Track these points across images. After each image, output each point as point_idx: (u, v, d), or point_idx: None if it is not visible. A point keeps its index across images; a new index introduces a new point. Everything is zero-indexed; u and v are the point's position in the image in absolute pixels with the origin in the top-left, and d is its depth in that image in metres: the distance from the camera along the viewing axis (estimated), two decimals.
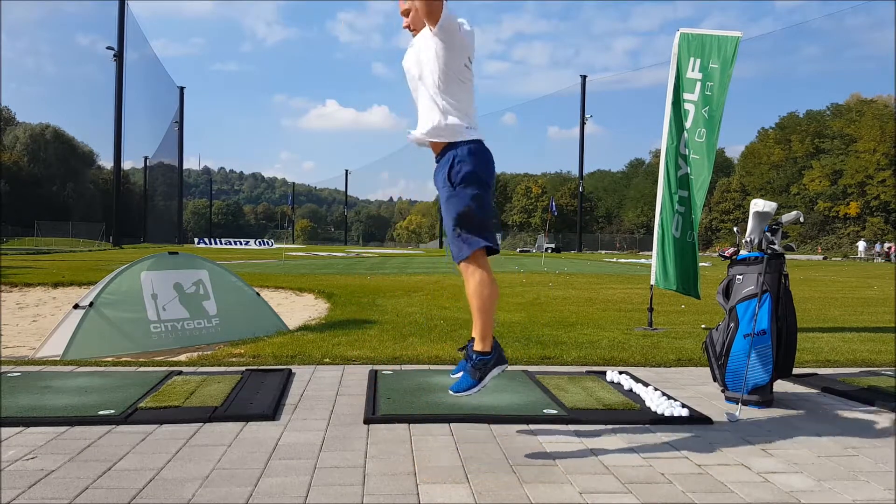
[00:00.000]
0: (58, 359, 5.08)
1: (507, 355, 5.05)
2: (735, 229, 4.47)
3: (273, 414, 3.42)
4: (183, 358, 5.27)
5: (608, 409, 3.60)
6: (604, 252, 58.79)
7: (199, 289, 6.19)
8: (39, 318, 8.73)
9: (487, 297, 2.90)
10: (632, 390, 4.02)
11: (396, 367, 4.74)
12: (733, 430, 3.35)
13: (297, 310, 9.40)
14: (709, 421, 3.47)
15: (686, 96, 6.58)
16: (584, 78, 55.69)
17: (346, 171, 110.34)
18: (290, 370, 4.54)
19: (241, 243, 71.33)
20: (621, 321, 7.52)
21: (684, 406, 3.63)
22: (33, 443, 2.94)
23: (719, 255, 4.36)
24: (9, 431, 3.09)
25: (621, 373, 4.40)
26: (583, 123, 55.24)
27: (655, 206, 6.86)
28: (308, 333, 6.22)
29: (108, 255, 27.62)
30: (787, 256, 3.98)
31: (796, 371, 4.28)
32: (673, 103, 6.64)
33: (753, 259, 3.86)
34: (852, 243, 50.72)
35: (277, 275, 14.98)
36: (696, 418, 3.48)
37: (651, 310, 7.02)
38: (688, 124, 6.56)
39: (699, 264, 6.70)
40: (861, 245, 47.43)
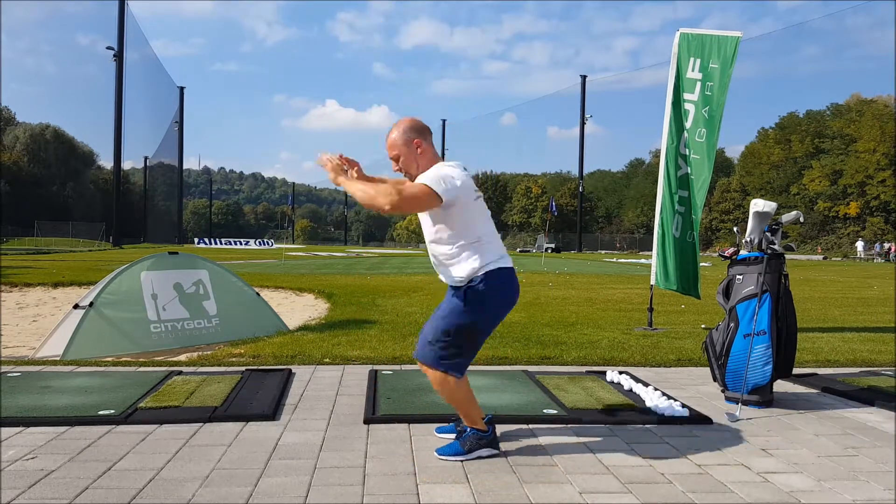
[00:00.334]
0: (58, 359, 5.08)
1: (507, 355, 5.08)
2: (735, 229, 4.47)
3: (273, 414, 3.42)
4: (183, 358, 5.27)
5: (608, 409, 3.60)
6: (604, 252, 58.78)
7: (199, 289, 6.19)
8: (39, 318, 8.73)
9: (452, 395, 2.82)
10: (632, 390, 4.02)
11: (396, 367, 4.74)
12: (733, 430, 3.35)
13: (297, 310, 9.40)
14: (709, 421, 3.47)
15: (686, 96, 6.58)
16: (584, 78, 55.63)
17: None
18: (290, 370, 4.54)
19: (241, 243, 71.28)
20: (621, 321, 7.52)
21: (684, 406, 3.63)
22: (33, 443, 2.95)
23: (719, 255, 4.36)
24: (9, 431, 3.09)
25: (621, 373, 4.41)
26: (583, 123, 55.20)
27: (655, 206, 6.86)
28: (308, 333, 6.22)
29: (107, 255, 27.62)
30: (787, 256, 3.98)
31: (796, 371, 4.28)
32: (673, 103, 6.64)
33: (753, 259, 3.86)
34: (852, 243, 50.67)
35: (277, 275, 14.98)
36: (697, 418, 3.48)
37: (651, 310, 7.02)
38: (688, 124, 6.56)
39: (699, 264, 6.70)
40: (860, 245, 47.40)
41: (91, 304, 5.56)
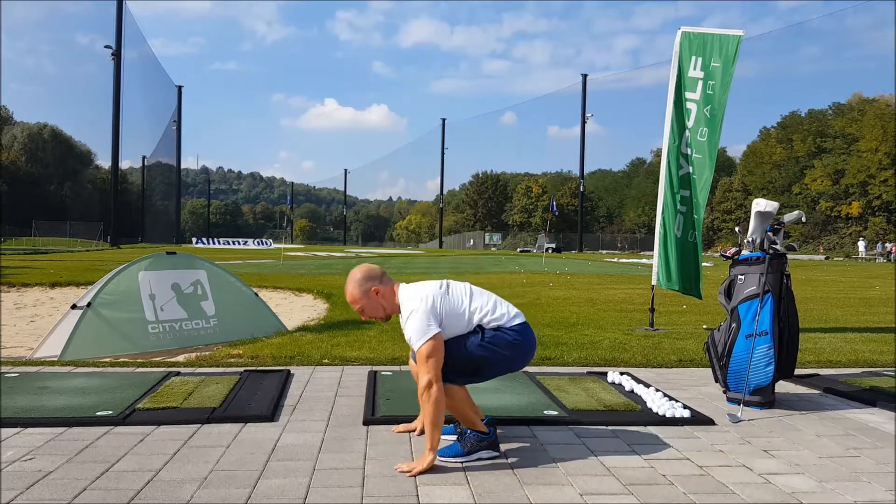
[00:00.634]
0: (56, 359, 5.06)
1: None
2: (737, 229, 4.45)
3: (272, 415, 3.40)
4: (181, 359, 5.25)
5: (609, 410, 3.58)
6: (605, 252, 58.77)
7: (197, 289, 6.17)
8: (37, 318, 8.71)
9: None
10: (633, 391, 4.00)
11: (396, 367, 4.73)
12: (735, 431, 3.34)
13: (296, 310, 9.38)
14: (710, 422, 3.46)
15: (688, 95, 6.56)
16: (585, 77, 55.60)
17: (346, 170, 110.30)
18: (289, 371, 4.52)
19: (239, 243, 71.21)
20: (622, 322, 7.50)
21: (686, 407, 3.61)
22: (31, 444, 2.93)
23: (721, 255, 4.35)
24: (7, 432, 3.07)
25: (622, 374, 4.39)
26: (584, 122, 55.17)
27: (657, 205, 6.84)
28: (307, 334, 6.20)
29: (105, 255, 27.60)
30: (789, 256, 3.97)
31: (798, 372, 4.26)
32: (675, 102, 6.63)
33: (755, 259, 3.84)
34: (854, 243, 50.66)
35: (276, 275, 14.96)
36: (698, 419, 3.47)
37: (652, 310, 7.00)
38: (689, 123, 6.54)
39: (701, 264, 6.68)
40: (861, 245, 47.41)
41: (89, 305, 5.55)
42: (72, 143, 78.41)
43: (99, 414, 3.33)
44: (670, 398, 3.77)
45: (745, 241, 4.01)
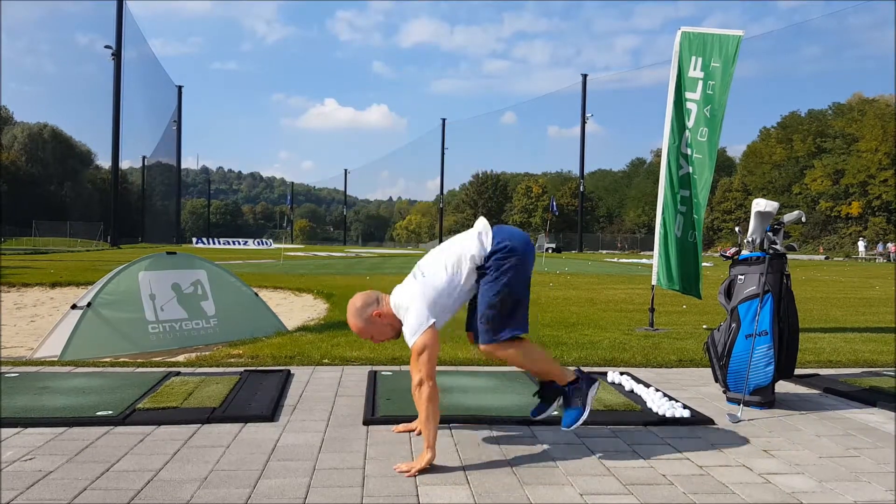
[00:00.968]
0: (56, 359, 5.06)
1: None
2: (737, 229, 4.45)
3: (272, 415, 3.40)
4: (181, 359, 5.25)
5: (609, 410, 3.58)
6: (605, 252, 58.76)
7: (197, 289, 6.17)
8: (37, 318, 8.72)
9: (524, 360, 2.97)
10: (633, 391, 4.00)
11: (396, 367, 4.73)
12: (735, 431, 3.34)
13: (296, 310, 9.38)
14: (710, 422, 3.46)
15: (688, 95, 6.56)
16: (585, 77, 55.58)
17: (346, 170, 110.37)
18: (289, 371, 4.52)
19: (239, 243, 71.22)
20: (622, 322, 7.50)
21: (686, 407, 3.61)
22: (31, 444, 2.93)
23: (721, 254, 4.35)
24: (7, 432, 3.07)
25: (622, 373, 4.39)
26: (584, 122, 55.16)
27: (657, 205, 6.84)
28: (307, 334, 6.20)
29: (105, 255, 27.60)
30: (789, 256, 3.97)
31: (798, 372, 4.26)
32: (675, 102, 6.63)
33: (755, 259, 3.84)
34: (854, 243, 50.66)
35: (276, 275, 14.96)
36: (698, 419, 3.47)
37: (652, 310, 7.00)
38: (690, 123, 6.54)
39: (701, 264, 6.68)
40: (861, 245, 47.41)
41: (89, 305, 5.55)
42: (72, 143, 78.40)
43: (99, 414, 3.34)
44: (670, 398, 3.77)
45: (745, 241, 4.01)
